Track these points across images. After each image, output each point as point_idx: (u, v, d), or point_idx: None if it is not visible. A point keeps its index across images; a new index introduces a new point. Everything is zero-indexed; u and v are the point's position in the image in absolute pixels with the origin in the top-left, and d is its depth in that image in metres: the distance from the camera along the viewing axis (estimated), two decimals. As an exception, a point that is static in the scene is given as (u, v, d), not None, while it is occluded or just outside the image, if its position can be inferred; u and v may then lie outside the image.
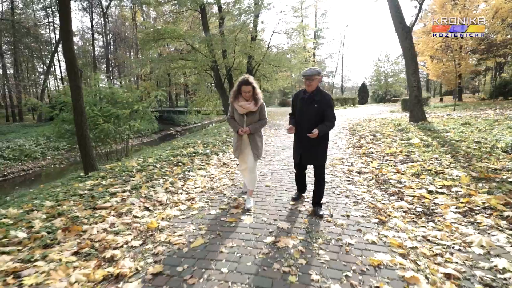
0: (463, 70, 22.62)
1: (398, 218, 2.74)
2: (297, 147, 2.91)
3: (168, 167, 4.76)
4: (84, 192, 3.63)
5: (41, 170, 15.49)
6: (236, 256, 2.09)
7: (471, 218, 2.65)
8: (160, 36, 17.24)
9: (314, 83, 2.70)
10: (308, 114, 2.73)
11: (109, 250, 2.15)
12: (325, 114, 2.67)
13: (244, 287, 1.75)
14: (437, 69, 21.62)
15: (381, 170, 4.42)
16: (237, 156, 3.09)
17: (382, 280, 1.79)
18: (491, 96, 22.96)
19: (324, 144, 2.81)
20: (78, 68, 4.66)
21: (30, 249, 2.18)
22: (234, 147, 3.11)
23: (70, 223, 2.63)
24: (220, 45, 15.72)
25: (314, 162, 2.84)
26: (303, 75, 2.70)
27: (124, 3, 35.98)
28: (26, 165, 15.43)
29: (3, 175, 13.63)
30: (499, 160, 4.47)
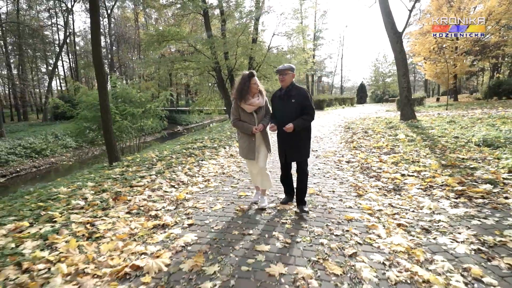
0: (458, 71, 23.35)
1: (372, 192, 3.47)
2: (281, 145, 2.88)
3: (183, 158, 5.51)
4: (116, 176, 4.37)
5: (50, 166, 16.22)
6: (248, 214, 2.83)
7: (429, 192, 3.39)
8: (164, 38, 17.91)
9: (287, 77, 2.71)
10: (287, 111, 2.72)
11: (152, 211, 2.89)
12: (303, 107, 2.68)
13: (255, 232, 2.48)
14: (433, 69, 22.35)
15: (366, 160, 5.16)
16: (252, 157, 2.88)
17: (351, 227, 2.53)
18: (485, 96, 23.58)
19: (306, 139, 2.81)
20: (105, 73, 5.40)
21: (92, 211, 2.93)
22: (245, 150, 2.89)
23: (115, 196, 3.37)
24: (222, 47, 16.43)
25: (298, 157, 2.83)
26: (276, 70, 2.75)
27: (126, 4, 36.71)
28: (37, 162, 16.14)
29: (16, 171, 14.37)
30: (468, 152, 5.21)
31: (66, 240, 2.28)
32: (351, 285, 1.74)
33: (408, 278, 1.79)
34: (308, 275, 1.82)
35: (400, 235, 2.35)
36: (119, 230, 2.48)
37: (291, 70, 2.72)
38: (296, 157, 2.84)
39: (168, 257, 2.06)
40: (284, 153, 2.85)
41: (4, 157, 14.95)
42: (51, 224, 2.58)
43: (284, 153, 2.85)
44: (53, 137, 19.09)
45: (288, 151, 2.82)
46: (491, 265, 1.88)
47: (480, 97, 25.77)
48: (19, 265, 1.94)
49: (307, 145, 2.83)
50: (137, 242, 2.31)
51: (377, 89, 41.67)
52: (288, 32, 19.76)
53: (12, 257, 2.03)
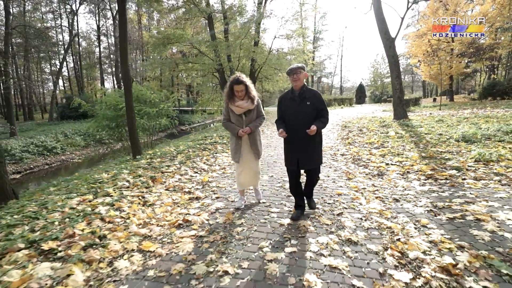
0: (454, 72, 24.14)
1: (360, 177, 4.27)
2: (291, 152, 2.68)
3: (199, 151, 6.31)
4: (144, 166, 5.17)
5: (61, 164, 16.99)
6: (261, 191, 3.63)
7: (405, 176, 4.18)
8: (169, 41, 18.65)
9: (301, 76, 2.54)
10: (302, 114, 2.55)
11: (185, 189, 3.69)
12: (319, 110, 2.57)
13: (267, 202, 3.28)
14: (430, 70, 23.16)
15: (358, 153, 5.96)
16: (237, 160, 2.91)
17: (340, 198, 3.33)
18: (480, 97, 24.29)
19: (319, 144, 2.69)
20: (130, 77, 6.19)
21: (138, 189, 3.72)
22: (233, 151, 2.93)
23: (151, 179, 4.17)
24: (225, 50, 17.22)
25: (312, 164, 2.68)
26: (288, 71, 2.55)
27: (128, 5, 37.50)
28: (48, 160, 16.92)
29: (30, 168, 15.15)
30: (448, 146, 6.00)
31: (128, 205, 3.07)
32: (336, 230, 2.53)
33: (377, 226, 2.58)
34: (308, 224, 2.62)
35: (376, 203, 3.15)
36: (164, 200, 3.28)
37: (303, 69, 2.55)
38: (310, 164, 2.66)
39: (206, 216, 2.86)
40: (296, 160, 2.64)
41: (18, 155, 15.70)
42: (109, 197, 3.37)
43: (297, 160, 2.64)
44: (63, 135, 19.88)
45: (302, 158, 2.62)
46: (436, 218, 2.67)
47: (475, 98, 26.60)
48: (102, 220, 2.74)
49: (320, 150, 2.71)
50: (180, 207, 3.11)
51: (375, 89, 42.49)
52: (288, 35, 20.60)
53: (94, 215, 2.82)
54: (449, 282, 1.77)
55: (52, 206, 3.14)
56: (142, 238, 2.43)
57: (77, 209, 3.01)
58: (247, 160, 2.95)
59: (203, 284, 1.81)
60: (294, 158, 2.65)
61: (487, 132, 6.85)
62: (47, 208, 3.11)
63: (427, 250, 2.12)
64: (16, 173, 14.52)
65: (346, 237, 2.36)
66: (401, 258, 2.05)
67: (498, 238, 2.22)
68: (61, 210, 2.99)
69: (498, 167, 4.13)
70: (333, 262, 2.01)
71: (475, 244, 2.17)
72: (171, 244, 2.32)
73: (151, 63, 19.10)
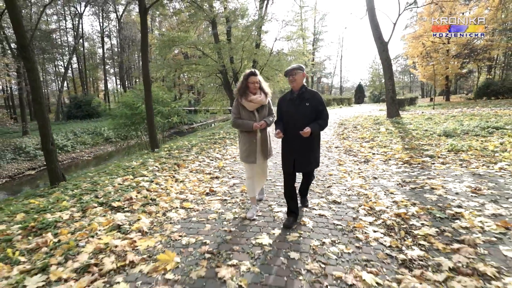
0: (450, 73, 24.97)
1: (349, 163, 5.11)
2: (288, 153, 2.61)
3: (210, 144, 7.17)
4: (165, 156, 6.01)
5: (72, 161, 17.87)
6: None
7: (386, 162, 5.02)
8: (174, 43, 19.48)
9: (297, 77, 2.50)
10: (300, 115, 2.50)
11: (205, 171, 4.54)
12: (318, 112, 2.51)
13: (273, 178, 4.12)
14: (423, 72, 24.01)
15: (350, 146, 6.80)
16: (252, 161, 2.71)
17: (331, 177, 4.17)
18: (475, 97, 25.05)
19: (317, 147, 2.64)
20: (150, 79, 7.04)
21: (167, 171, 4.57)
22: (246, 152, 2.72)
23: (175, 164, 5.01)
24: (228, 52, 18.08)
25: (308, 167, 2.64)
26: (285, 73, 2.55)
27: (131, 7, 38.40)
28: (60, 157, 17.75)
29: (44, 165, 15.99)
30: (429, 140, 6.84)
31: (164, 182, 3.93)
32: (326, 195, 3.38)
33: (356, 193, 3.43)
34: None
35: (359, 180, 4.00)
36: (191, 178, 4.13)
37: (300, 69, 2.51)
38: (306, 167, 2.62)
39: (226, 188, 3.71)
40: (292, 163, 2.57)
41: (33, 152, 16.56)
42: (146, 177, 4.22)
43: (293, 163, 2.57)
44: (72, 134, 20.75)
45: (298, 160, 2.55)
46: (402, 188, 3.52)
47: (471, 98, 27.42)
48: (148, 190, 3.59)
49: (318, 153, 2.67)
50: (204, 183, 3.96)
51: (374, 89, 43.34)
52: (289, 36, 21.45)
53: (140, 187, 3.67)
54: (399, 221, 2.61)
55: (102, 183, 3.99)
56: (182, 201, 3.28)
57: (124, 184, 3.86)
58: (260, 163, 2.77)
59: (232, 223, 2.67)
60: (291, 160, 2.58)
61: (466, 128, 7.69)
62: (99, 184, 3.97)
63: (389, 206, 2.97)
64: (31, 169, 15.41)
65: (332, 199, 3.21)
66: (370, 210, 2.90)
67: (442, 199, 3.07)
68: (111, 185, 3.84)
69: (464, 155, 4.97)
70: (321, 212, 2.86)
71: (424, 202, 3.01)
72: (203, 205, 3.17)
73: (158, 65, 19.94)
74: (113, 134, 20.17)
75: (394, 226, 2.54)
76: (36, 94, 4.44)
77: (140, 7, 6.49)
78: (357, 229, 2.51)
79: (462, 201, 2.94)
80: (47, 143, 4.61)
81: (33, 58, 4.31)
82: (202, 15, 18.17)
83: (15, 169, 15.04)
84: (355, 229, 2.51)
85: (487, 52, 24.63)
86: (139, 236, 2.43)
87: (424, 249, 2.16)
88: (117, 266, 2.00)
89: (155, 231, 2.56)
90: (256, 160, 2.71)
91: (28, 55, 4.20)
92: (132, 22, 39.03)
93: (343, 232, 2.47)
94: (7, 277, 1.91)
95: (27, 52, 4.20)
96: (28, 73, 4.36)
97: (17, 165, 15.44)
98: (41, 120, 4.53)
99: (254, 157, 2.70)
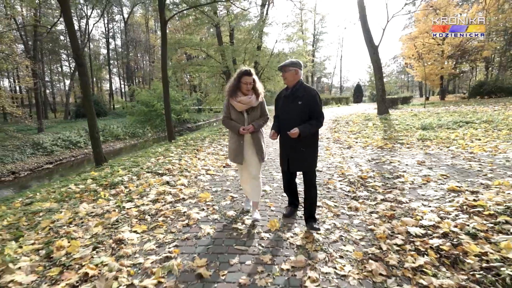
0: (444, 73, 26.08)
1: (335, 149, 6.30)
2: (283, 151, 2.58)
3: (220, 136, 8.37)
4: (182, 145, 7.21)
5: (85, 157, 19.07)
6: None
7: (364, 148, 6.21)
8: (180, 45, 20.64)
9: (288, 75, 2.42)
10: (292, 113, 2.43)
11: (223, 153, 5.74)
12: (311, 111, 2.39)
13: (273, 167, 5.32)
14: (416, 73, 25.17)
15: (339, 137, 7.99)
16: (239, 161, 2.63)
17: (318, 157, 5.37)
18: (469, 96, 26.04)
19: (313, 146, 2.52)
20: (168, 80, 8.25)
21: (189, 154, 5.77)
22: (232, 153, 2.66)
23: (194, 149, 6.22)
24: (231, 54, 19.27)
25: (303, 167, 2.53)
26: (278, 68, 2.49)
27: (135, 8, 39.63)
28: (74, 152, 18.99)
29: (59, 160, 17.27)
30: (407, 132, 8.02)
31: (189, 159, 5.14)
32: (312, 168, 4.57)
33: (334, 166, 4.62)
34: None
35: (339, 158, 5.19)
36: (210, 158, 5.34)
37: (292, 66, 2.40)
38: (300, 166, 2.53)
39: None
40: (286, 161, 2.54)
41: (50, 148, 17.78)
42: (174, 157, 5.42)
43: (287, 161, 2.54)
44: (84, 131, 21.97)
45: (292, 159, 2.50)
46: (369, 163, 4.71)
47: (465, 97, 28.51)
48: (179, 164, 4.79)
49: (314, 153, 2.54)
50: (221, 161, 5.17)
51: (373, 89, 44.45)
52: (289, 37, 22.60)
53: (173, 163, 4.87)
54: (359, 180, 3.81)
55: (141, 161, 5.20)
56: (206, 170, 4.50)
57: (159, 162, 5.08)
58: (248, 164, 2.65)
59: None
60: (285, 158, 2.55)
61: (442, 122, 8.87)
62: (139, 162, 5.18)
63: (356, 172, 4.17)
64: (48, 164, 16.62)
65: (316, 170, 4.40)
66: (341, 176, 4.10)
67: (394, 168, 4.26)
68: (149, 162, 5.05)
69: (428, 142, 6.15)
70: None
71: (381, 170, 4.21)
72: (222, 173, 4.39)
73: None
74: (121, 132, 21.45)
75: (354, 182, 3.73)
76: (85, 93, 5.64)
77: (160, 20, 7.68)
78: (329, 184, 3.70)
79: (407, 169, 4.14)
80: (94, 132, 5.82)
81: (85, 64, 5.51)
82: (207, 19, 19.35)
83: (34, 163, 16.21)
84: (328, 183, 3.71)
85: (478, 53, 25.71)
86: (183, 187, 3.64)
87: (370, 192, 3.36)
88: (175, 200, 3.21)
89: (193, 185, 3.77)
90: (242, 161, 2.63)
91: (81, 62, 5.41)
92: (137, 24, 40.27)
93: (319, 184, 3.67)
94: (109, 204, 3.13)
95: (81, 59, 5.40)
96: (80, 76, 5.56)
97: (36, 159, 16.63)
98: (89, 114, 5.73)
99: (241, 159, 2.62)
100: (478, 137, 6.24)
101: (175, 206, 3.06)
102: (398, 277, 1.83)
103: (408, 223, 2.46)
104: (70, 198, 3.53)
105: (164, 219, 2.75)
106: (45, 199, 3.64)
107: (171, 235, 2.43)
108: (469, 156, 4.59)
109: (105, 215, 2.87)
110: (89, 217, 2.83)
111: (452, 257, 1.97)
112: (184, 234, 2.46)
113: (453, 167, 4.09)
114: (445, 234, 2.23)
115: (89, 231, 2.51)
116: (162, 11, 7.77)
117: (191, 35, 22.19)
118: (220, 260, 2.05)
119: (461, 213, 2.55)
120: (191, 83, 36.51)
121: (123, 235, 2.39)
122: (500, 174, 3.57)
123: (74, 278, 1.85)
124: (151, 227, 2.59)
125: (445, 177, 3.64)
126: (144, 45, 39.52)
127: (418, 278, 1.79)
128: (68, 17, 5.24)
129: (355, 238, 2.34)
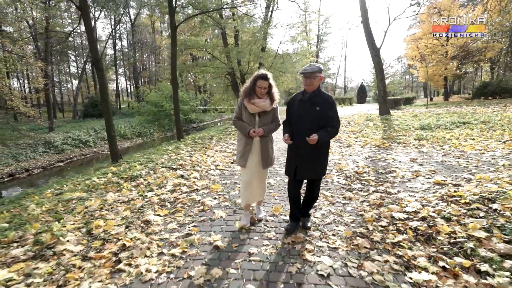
0: (447, 73, 26.18)
1: (335, 147, 6.68)
2: (292, 158, 2.49)
3: (226, 135, 8.79)
4: (191, 143, 7.65)
5: (94, 155, 19.66)
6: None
7: (363, 146, 6.57)
8: (186, 47, 21.12)
9: (315, 81, 2.35)
10: (308, 119, 2.35)
11: (231, 151, 6.17)
12: (328, 119, 2.33)
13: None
14: (418, 74, 25.34)
15: (340, 136, 8.36)
16: (243, 164, 2.60)
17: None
18: (473, 97, 26.08)
19: (325, 154, 2.46)
20: (177, 81, 8.70)
21: (199, 151, 6.20)
22: (239, 154, 2.63)
23: (203, 147, 6.65)
24: (236, 56, 19.70)
25: (312, 175, 2.46)
26: (302, 72, 2.34)
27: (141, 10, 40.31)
28: (83, 151, 19.59)
29: (70, 158, 17.86)
30: (406, 132, 8.35)
31: (200, 156, 5.57)
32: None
33: (333, 163, 5.01)
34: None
35: (338, 156, 5.56)
36: (218, 155, 5.77)
37: (319, 72, 2.34)
38: (309, 174, 2.46)
39: (244, 160, 5.33)
40: (294, 168, 2.46)
41: (60, 146, 18.39)
42: (185, 154, 5.85)
43: (294, 169, 2.46)
44: (93, 131, 22.62)
45: (300, 166, 2.42)
46: (365, 160, 5.08)
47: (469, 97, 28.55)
48: (190, 160, 5.22)
49: (325, 161, 2.49)
50: (228, 158, 5.59)
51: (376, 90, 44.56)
52: (293, 38, 22.96)
53: (184, 159, 5.31)
54: (355, 175, 4.19)
55: (155, 158, 5.65)
56: (216, 166, 4.92)
57: (171, 158, 5.51)
58: (255, 169, 2.61)
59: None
60: (293, 166, 2.46)
61: (440, 123, 9.17)
62: (152, 158, 5.62)
63: (353, 168, 4.55)
64: (59, 162, 17.19)
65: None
66: (339, 171, 4.48)
67: (388, 164, 4.63)
68: (163, 158, 5.49)
69: (424, 142, 6.50)
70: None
71: (376, 166, 4.58)
72: (230, 168, 4.80)
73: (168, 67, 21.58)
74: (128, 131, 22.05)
75: (350, 176, 4.12)
76: (103, 95, 6.11)
77: (171, 24, 8.14)
78: (328, 178, 4.10)
79: (400, 165, 4.51)
80: (110, 130, 6.29)
81: (103, 68, 5.98)
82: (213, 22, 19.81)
83: (46, 161, 16.80)
84: (326, 177, 4.10)
85: (482, 54, 25.77)
86: (196, 180, 4.07)
87: (363, 185, 3.74)
88: (190, 190, 3.64)
89: (204, 178, 4.20)
90: (246, 164, 2.59)
91: (100, 66, 5.87)
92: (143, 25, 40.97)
93: (319, 179, 4.07)
94: (132, 194, 3.57)
95: (100, 64, 5.87)
96: (99, 79, 6.03)
97: (48, 157, 17.23)
98: (106, 114, 6.20)
99: (245, 161, 2.59)
100: (472, 137, 6.56)
101: (191, 195, 3.48)
102: (380, 249, 2.22)
103: (393, 210, 2.85)
104: (96, 189, 3.98)
105: (182, 206, 3.17)
106: (73, 190, 4.10)
107: (189, 218, 2.86)
108: (458, 154, 4.94)
109: (130, 202, 3.30)
110: (117, 204, 3.27)
111: (426, 235, 2.36)
112: (201, 217, 2.88)
113: (442, 164, 4.45)
114: (424, 218, 2.62)
115: (119, 214, 2.94)
116: (172, 16, 8.22)
117: (197, 37, 22.70)
118: (232, 236, 2.47)
119: (441, 202, 2.93)
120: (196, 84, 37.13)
121: (149, 217, 2.82)
122: (484, 170, 3.93)
123: (114, 248, 2.28)
124: (172, 212, 3.02)
125: (433, 172, 4.01)
126: (150, 46, 40.22)
127: (396, 250, 2.19)
128: (88, 25, 5.71)
129: (346, 221, 2.73)
